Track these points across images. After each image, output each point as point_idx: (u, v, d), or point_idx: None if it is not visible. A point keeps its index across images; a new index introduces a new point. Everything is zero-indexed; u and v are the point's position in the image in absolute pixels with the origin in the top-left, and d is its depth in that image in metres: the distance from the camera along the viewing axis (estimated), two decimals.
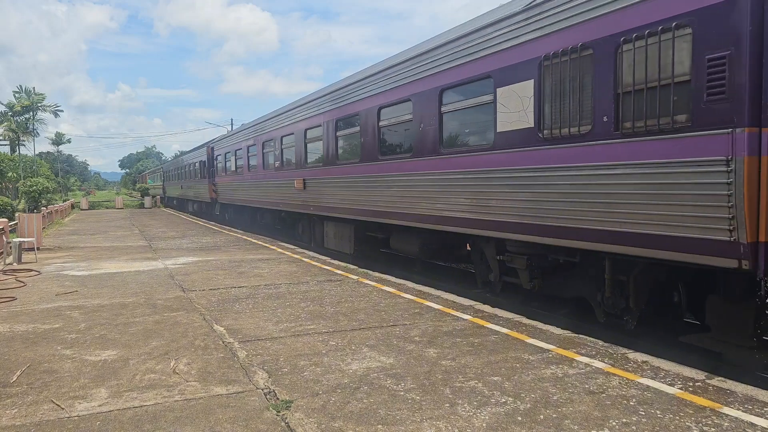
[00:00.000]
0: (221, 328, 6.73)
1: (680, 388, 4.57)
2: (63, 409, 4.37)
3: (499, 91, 7.99)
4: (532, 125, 7.41)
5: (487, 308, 7.61)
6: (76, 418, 4.20)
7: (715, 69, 5.29)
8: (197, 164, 31.92)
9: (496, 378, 4.89)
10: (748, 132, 5.05)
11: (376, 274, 10.64)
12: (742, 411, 4.11)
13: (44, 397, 4.61)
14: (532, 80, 7.38)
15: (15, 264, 12.95)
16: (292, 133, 16.24)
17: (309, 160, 15.22)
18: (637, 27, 5.97)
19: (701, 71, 5.40)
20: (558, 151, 7.05)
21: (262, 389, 4.72)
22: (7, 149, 64.26)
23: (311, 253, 13.94)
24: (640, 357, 5.40)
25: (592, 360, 5.33)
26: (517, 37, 7.65)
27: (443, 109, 9.32)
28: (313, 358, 5.54)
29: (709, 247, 5.40)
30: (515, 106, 7.70)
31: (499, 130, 8.01)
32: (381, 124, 11.35)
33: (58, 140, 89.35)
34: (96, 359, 5.61)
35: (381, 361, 5.41)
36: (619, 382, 4.74)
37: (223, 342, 6.15)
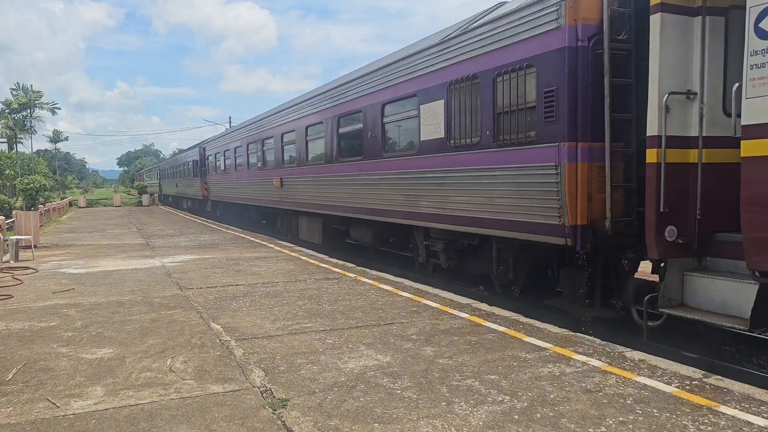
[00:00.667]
0: (218, 326, 6.72)
1: (677, 387, 4.57)
2: (58, 407, 4.35)
3: (422, 107, 9.84)
4: (443, 136, 9.24)
5: (484, 306, 7.61)
6: (71, 416, 4.19)
7: (548, 99, 7.13)
8: (190, 163, 33.53)
9: (493, 376, 4.88)
10: (567, 146, 6.89)
11: (374, 272, 10.63)
12: (739, 410, 4.10)
13: (40, 396, 4.59)
14: (443, 100, 9.22)
15: (12, 262, 12.93)
16: (272, 137, 18.09)
17: (285, 162, 17.08)
18: (506, 64, 7.81)
19: (541, 100, 7.23)
20: (459, 156, 8.87)
21: (259, 388, 4.71)
22: (4, 147, 64.20)
23: (309, 251, 13.93)
24: (637, 355, 5.40)
25: (589, 358, 5.33)
26: (433, 64, 9.50)
27: (385, 120, 11.20)
28: (310, 356, 5.53)
29: (549, 230, 7.22)
30: (432, 120, 9.53)
31: (422, 139, 9.86)
32: (340, 131, 13.15)
33: (56, 138, 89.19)
34: (92, 357, 5.59)
35: (378, 359, 5.40)
36: (616, 381, 4.74)
37: (219, 340, 6.14)
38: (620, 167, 6.77)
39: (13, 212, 20.44)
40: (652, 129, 6.09)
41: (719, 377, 4.80)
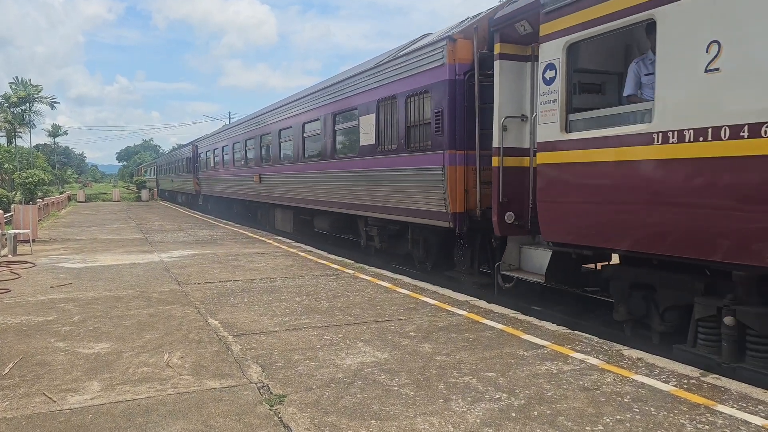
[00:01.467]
0: (216, 322, 6.71)
1: (675, 385, 4.56)
2: (55, 401, 4.34)
3: (361, 118, 11.99)
4: (374, 142, 11.42)
5: (482, 304, 7.60)
6: (68, 410, 4.18)
7: (437, 117, 9.27)
8: (184, 160, 35.87)
9: (490, 374, 4.88)
10: (449, 153, 9.03)
11: (372, 269, 10.62)
12: (737, 408, 4.10)
13: (36, 390, 4.58)
14: (374, 114, 11.36)
15: (10, 256, 12.91)
16: (253, 138, 20.44)
17: (263, 160, 19.40)
18: (413, 89, 10.02)
19: (433, 118, 9.38)
20: (385, 159, 11.04)
21: (256, 383, 4.70)
22: (3, 141, 64.10)
23: (307, 248, 13.92)
24: (635, 354, 5.40)
25: (587, 356, 5.32)
26: (368, 84, 11.68)
27: (336, 127, 13.44)
28: (308, 352, 5.52)
29: (439, 216, 9.34)
30: (368, 129, 11.62)
31: (361, 144, 12.01)
32: (305, 135, 15.36)
33: (55, 132, 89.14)
34: (89, 352, 5.58)
35: (375, 356, 5.40)
36: (614, 379, 4.73)
37: (217, 336, 6.13)
38: (488, 169, 8.43)
39: (12, 206, 20.42)
40: (495, 142, 8.07)
41: (717, 376, 4.80)
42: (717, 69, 5.21)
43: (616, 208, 6.26)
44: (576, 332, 6.20)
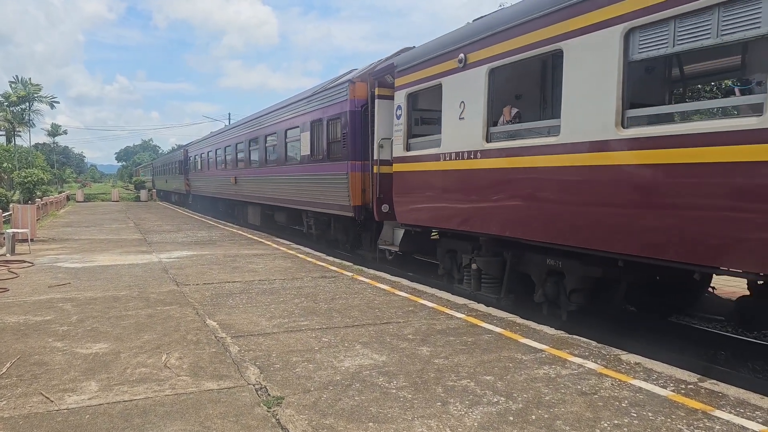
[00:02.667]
0: (214, 323, 6.70)
1: (672, 390, 4.57)
2: (52, 401, 4.33)
3: (301, 134, 15.61)
4: (309, 153, 15.07)
5: (481, 307, 7.61)
6: (65, 411, 4.17)
7: (344, 136, 12.61)
8: (177, 163, 39.75)
9: (488, 377, 4.88)
10: (351, 163, 12.28)
11: (371, 271, 10.63)
12: (734, 414, 4.10)
13: (34, 390, 4.58)
14: (309, 131, 14.98)
15: (8, 255, 12.89)
16: (230, 145, 24.10)
17: (238, 165, 23.00)
18: (331, 115, 13.44)
19: (342, 137, 12.75)
20: (316, 166, 14.56)
21: (254, 385, 4.70)
22: (2, 140, 64.00)
23: (306, 249, 13.92)
24: (633, 358, 5.40)
25: (585, 361, 5.32)
26: (306, 108, 15.38)
27: (287, 140, 16.98)
28: (306, 354, 5.52)
29: (346, 209, 12.53)
30: (306, 142, 15.27)
31: (302, 154, 15.60)
32: (267, 145, 19.03)
33: (54, 131, 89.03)
34: (87, 352, 5.57)
35: (374, 358, 5.40)
36: (612, 384, 4.73)
37: (215, 337, 6.13)
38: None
39: (11, 205, 20.38)
40: (374, 156, 11.56)
41: (714, 381, 4.80)
42: (462, 118, 8.84)
43: (429, 201, 9.89)
44: (574, 336, 6.20)
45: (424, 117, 10.88)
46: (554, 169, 7.18)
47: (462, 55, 8.82)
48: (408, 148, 10.41)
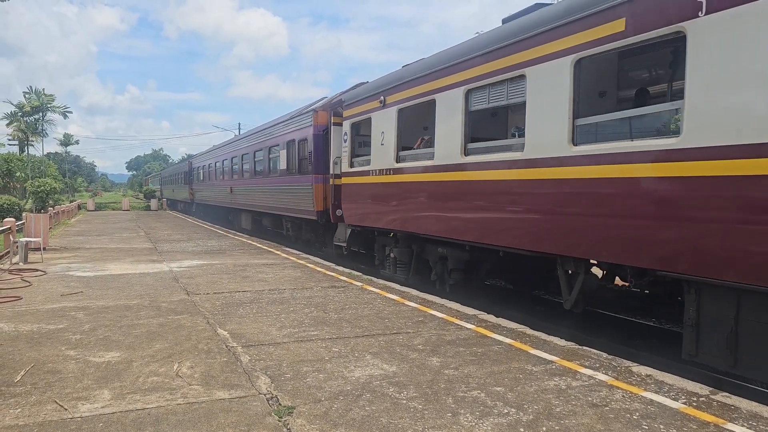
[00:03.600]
0: (225, 332, 6.74)
1: (684, 403, 4.55)
2: (66, 410, 4.38)
3: (280, 151, 18.45)
4: (286, 167, 17.86)
5: (491, 318, 7.60)
6: (78, 419, 4.21)
7: (309, 155, 15.49)
8: (182, 173, 43.24)
9: (499, 388, 4.88)
10: (314, 176, 15.15)
11: (381, 281, 10.65)
12: (747, 427, 4.08)
13: (48, 398, 4.62)
14: (285, 149, 17.87)
15: (21, 264, 13.01)
16: (227, 158, 27.34)
17: (233, 176, 25.96)
18: (301, 137, 16.29)
19: (308, 155, 15.55)
20: (291, 177, 17.30)
21: (265, 394, 4.73)
22: (16, 149, 64.65)
23: (315, 259, 13.96)
24: (644, 370, 5.38)
25: (595, 372, 5.31)
26: (282, 131, 18.50)
27: (270, 156, 20.03)
28: (316, 364, 5.54)
29: (311, 213, 15.32)
30: (283, 158, 18.05)
31: (280, 168, 18.48)
32: (255, 159, 22.20)
33: (67, 141, 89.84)
34: (100, 360, 5.62)
35: (384, 368, 5.41)
36: (623, 396, 4.72)
37: (226, 346, 6.16)
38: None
39: (23, 214, 20.58)
40: (330, 171, 14.33)
41: (727, 394, 4.77)
42: (383, 144, 11.59)
43: (365, 207, 12.61)
44: (584, 348, 6.19)
45: (363, 141, 13.31)
46: (432, 183, 10.09)
47: (382, 97, 11.82)
48: (351, 165, 13.32)
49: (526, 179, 7.86)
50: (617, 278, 8.48)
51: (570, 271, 7.72)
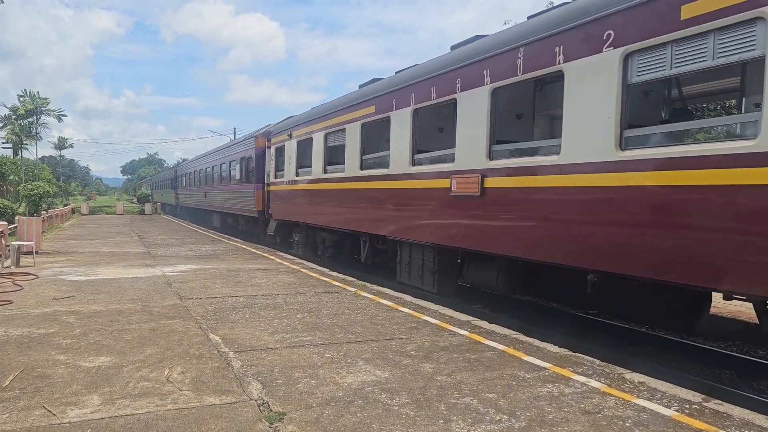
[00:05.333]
0: (217, 338, 6.70)
1: (677, 410, 4.54)
2: (54, 415, 4.33)
3: (236, 165, 23.44)
4: (239, 177, 23.12)
5: (484, 324, 7.59)
6: (67, 424, 4.17)
7: (253, 168, 20.92)
8: (169, 180, 49.92)
9: (491, 395, 4.86)
10: (255, 184, 20.68)
11: (374, 287, 10.62)
12: None
13: (36, 403, 4.58)
14: (238, 163, 23.10)
15: (13, 267, 12.93)
16: (202, 168, 32.76)
17: (207, 183, 31.03)
18: (247, 155, 22.07)
19: (253, 168, 21.05)
20: (240, 185, 22.95)
21: (256, 400, 4.69)
22: (9, 152, 64.36)
23: (310, 264, 13.92)
24: (637, 377, 5.37)
25: (588, 379, 5.30)
26: (236, 149, 24.34)
27: (231, 168, 24.69)
28: (308, 370, 5.51)
29: (254, 212, 20.83)
30: (236, 170, 23.68)
31: (236, 178, 23.63)
32: (221, 170, 27.00)
33: (61, 145, 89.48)
34: (90, 365, 5.58)
35: (376, 374, 5.38)
36: (616, 403, 4.71)
37: (218, 351, 6.12)
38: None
39: (16, 218, 20.48)
40: (267, 180, 19.87)
41: (719, 401, 4.77)
42: (289, 163, 17.23)
43: (283, 206, 17.94)
44: (578, 354, 6.17)
45: (282, 161, 18.50)
46: (314, 190, 15.46)
47: (290, 132, 17.58)
48: (276, 177, 19.15)
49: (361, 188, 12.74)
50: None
51: (365, 240, 13.14)
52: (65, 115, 76.29)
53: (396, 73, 11.83)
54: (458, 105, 9.18)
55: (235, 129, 64.24)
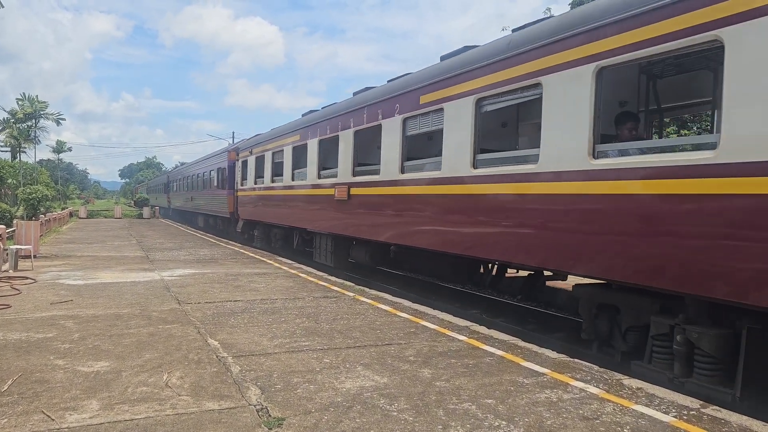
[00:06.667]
0: (216, 342, 6.70)
1: (675, 416, 4.55)
2: (53, 420, 4.33)
3: (214, 174, 28.30)
4: (216, 184, 27.60)
5: (483, 329, 7.59)
6: (66, 429, 4.17)
7: (227, 177, 25.07)
8: (162, 185, 54.87)
9: (489, 401, 4.87)
10: (227, 190, 24.85)
11: (373, 291, 10.62)
12: None
13: (35, 408, 4.57)
14: (216, 172, 27.83)
15: (11, 271, 12.91)
16: (189, 176, 37.49)
17: (192, 188, 35.53)
18: (221, 166, 26.69)
19: (227, 177, 25.19)
20: (217, 191, 27.46)
21: (255, 405, 4.69)
22: (7, 156, 64.35)
23: (308, 269, 13.92)
24: (635, 383, 5.38)
25: (587, 385, 5.31)
26: (215, 160, 28.70)
27: (210, 175, 29.26)
28: (307, 375, 5.52)
29: (227, 213, 25.19)
30: (215, 178, 28.11)
31: (214, 184, 28.36)
32: (203, 177, 31.52)
33: (59, 148, 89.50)
34: (88, 370, 5.57)
35: (375, 380, 5.39)
36: (614, 409, 4.72)
37: (216, 356, 6.13)
38: (239, 196, 23.47)
39: (14, 221, 20.46)
40: (237, 186, 23.81)
41: (717, 408, 4.78)
42: (250, 174, 21.88)
43: (248, 208, 22.03)
44: (576, 360, 6.19)
45: (246, 171, 22.25)
46: (268, 195, 19.35)
47: (251, 149, 21.63)
48: (242, 185, 23.00)
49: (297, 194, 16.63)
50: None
51: (296, 233, 17.63)
52: (64, 119, 76.13)
53: (322, 108, 15.91)
54: (340, 139, 13.38)
55: (233, 133, 64.71)
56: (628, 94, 8.48)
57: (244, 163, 22.42)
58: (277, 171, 18.19)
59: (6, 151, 65.43)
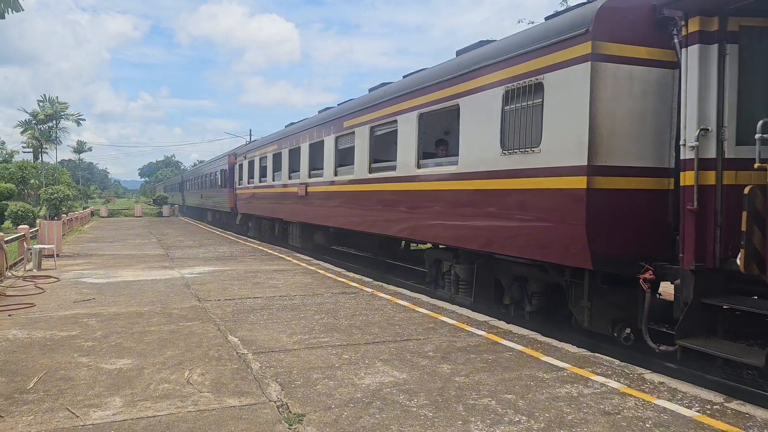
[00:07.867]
0: (235, 339, 6.76)
1: (698, 411, 4.49)
2: (78, 417, 4.40)
3: (217, 174, 33.12)
4: (220, 184, 31.89)
5: (502, 324, 7.57)
6: (90, 426, 4.24)
7: (229, 177, 29.12)
8: (177, 184, 60.27)
9: (509, 396, 4.85)
10: (228, 188, 29.40)
11: (391, 287, 10.63)
12: None
13: (60, 405, 4.65)
14: (219, 173, 32.32)
15: (35, 270, 13.14)
16: (199, 176, 42.09)
17: (202, 187, 39.22)
18: (222, 168, 31.44)
19: (228, 177, 29.36)
20: (220, 189, 31.68)
21: (275, 402, 4.73)
22: (30, 157, 65.36)
23: (326, 265, 13.97)
24: (657, 378, 5.33)
25: (607, 380, 5.27)
26: (217, 164, 34.34)
27: (214, 176, 34.19)
28: (327, 371, 5.54)
29: (228, 208, 29.70)
30: (218, 179, 32.77)
31: (218, 184, 32.62)
32: (210, 177, 36.00)
33: (80, 148, 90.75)
34: (111, 368, 5.66)
35: (394, 375, 5.39)
36: (635, 403, 4.67)
37: (237, 353, 6.18)
38: (238, 193, 27.59)
39: (37, 221, 20.79)
40: (236, 185, 27.78)
41: (741, 402, 4.71)
42: (246, 174, 26.05)
43: (246, 204, 25.87)
44: (596, 355, 6.14)
45: (242, 173, 25.77)
46: (258, 192, 23.56)
47: (245, 154, 25.85)
48: (239, 183, 26.71)
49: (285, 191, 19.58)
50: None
51: (278, 223, 21.33)
52: (84, 119, 77.28)
53: (302, 120, 19.23)
54: (301, 149, 17.37)
55: (250, 131, 65.18)
56: (440, 129, 12.01)
57: (240, 166, 26.92)
58: (263, 173, 22.91)
59: (28, 152, 66.51)
